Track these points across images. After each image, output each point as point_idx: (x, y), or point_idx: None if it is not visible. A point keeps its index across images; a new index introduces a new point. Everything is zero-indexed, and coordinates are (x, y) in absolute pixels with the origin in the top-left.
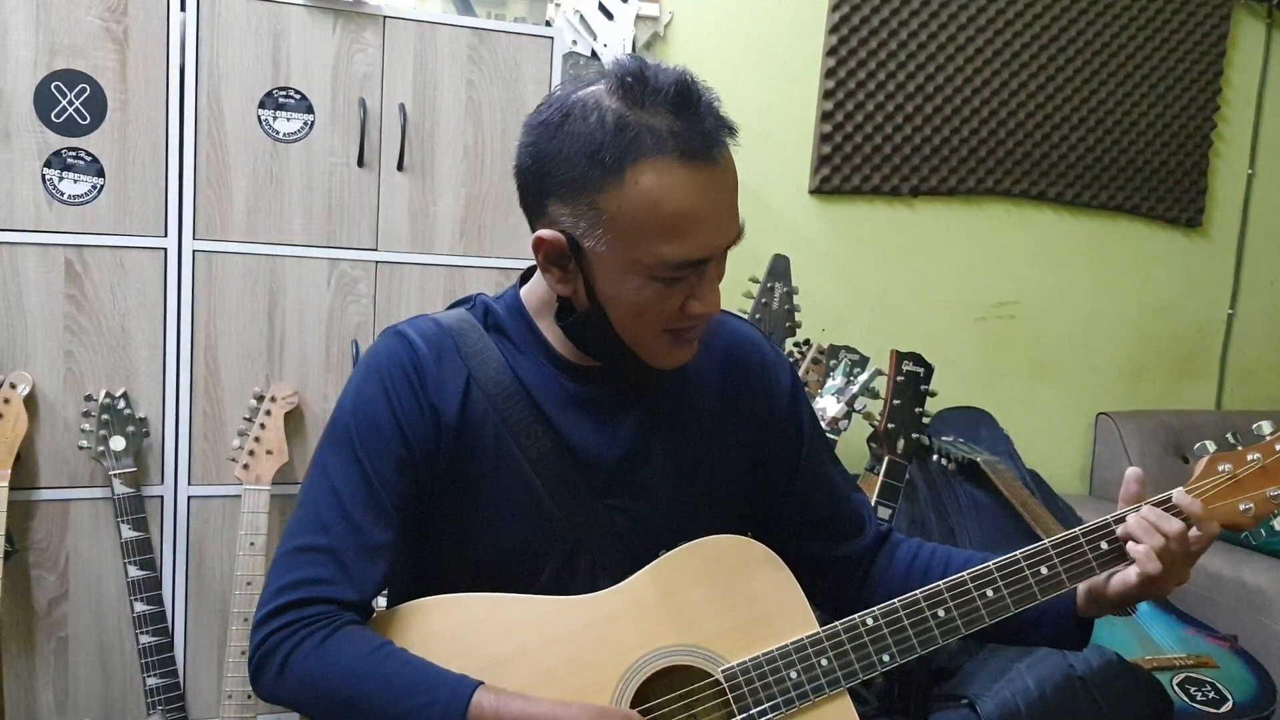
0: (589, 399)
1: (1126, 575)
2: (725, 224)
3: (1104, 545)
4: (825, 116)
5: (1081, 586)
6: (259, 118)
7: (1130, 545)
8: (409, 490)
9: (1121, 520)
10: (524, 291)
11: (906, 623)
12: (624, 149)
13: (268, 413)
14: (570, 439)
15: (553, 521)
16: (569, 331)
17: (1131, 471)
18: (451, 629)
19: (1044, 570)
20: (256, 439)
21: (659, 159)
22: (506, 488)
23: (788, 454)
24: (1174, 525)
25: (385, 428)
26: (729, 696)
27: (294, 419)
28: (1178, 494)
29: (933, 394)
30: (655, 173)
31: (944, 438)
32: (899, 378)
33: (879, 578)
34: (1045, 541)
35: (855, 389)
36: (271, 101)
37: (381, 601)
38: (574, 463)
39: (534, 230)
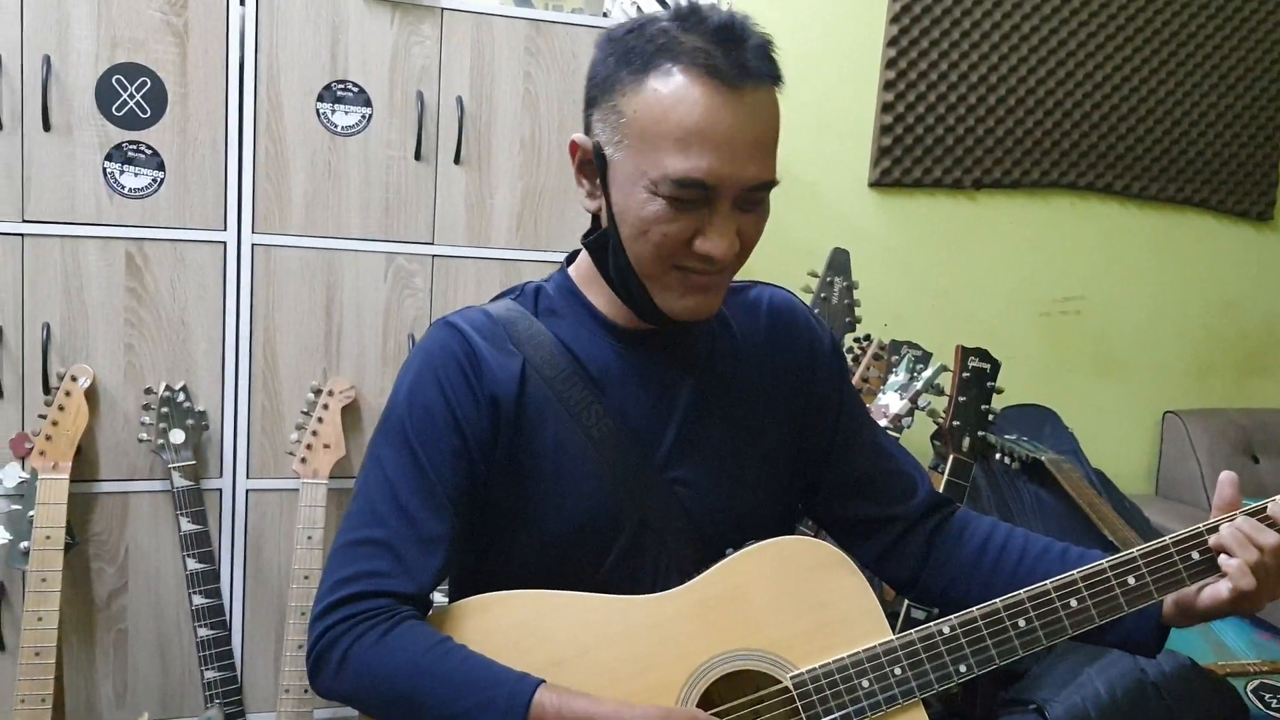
0: (645, 367)
1: (1217, 590)
2: (741, 157)
3: (1195, 555)
4: (886, 108)
5: (1169, 596)
6: (317, 111)
7: (1223, 559)
8: (464, 481)
9: (1214, 530)
10: (573, 268)
11: (985, 632)
12: (654, 53)
13: (325, 406)
14: (630, 416)
15: (617, 502)
16: (590, 249)
17: (1226, 475)
18: (512, 626)
19: (1131, 580)
20: (314, 433)
21: (683, 68)
22: (568, 471)
23: (828, 412)
24: (1270, 538)
25: (439, 418)
26: (798, 705)
27: (351, 413)
28: (1275, 505)
29: (999, 391)
30: (675, 80)
31: (1007, 436)
32: (964, 374)
33: (947, 556)
34: (1134, 550)
35: (919, 385)
36: (330, 95)
37: (440, 594)
38: (635, 440)
39: None
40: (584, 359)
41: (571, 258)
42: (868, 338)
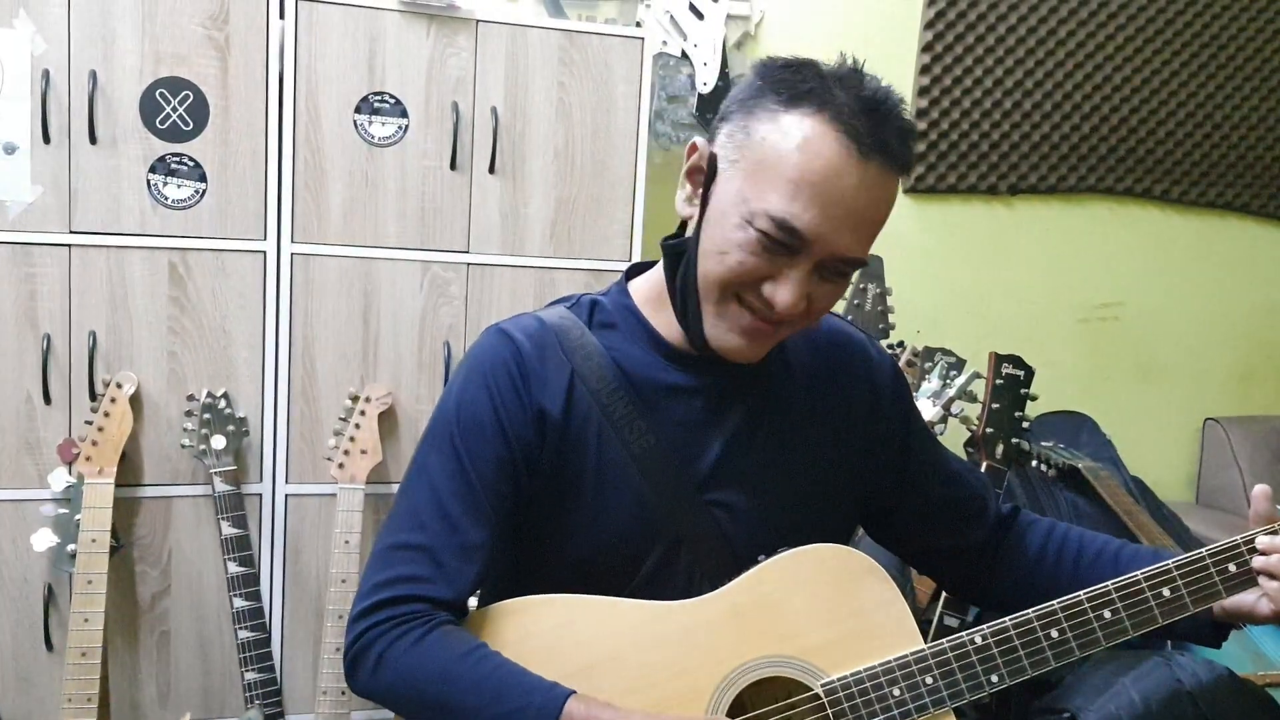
0: (696, 389)
1: (1258, 606)
2: (844, 225)
3: (1232, 568)
4: (921, 114)
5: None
6: (355, 122)
7: (1263, 580)
8: (507, 490)
9: (1251, 543)
10: (632, 285)
11: (1017, 643)
12: (803, 93)
13: (362, 413)
14: (674, 434)
15: (655, 518)
16: (666, 253)
17: (1260, 489)
18: (547, 631)
19: (1166, 593)
20: (351, 439)
21: (825, 119)
22: (609, 485)
23: (896, 445)
24: None
25: (487, 426)
26: (829, 712)
27: (388, 419)
28: None
29: (1033, 398)
30: (812, 127)
31: (1044, 443)
32: (998, 381)
33: (1008, 562)
34: (1169, 562)
35: (952, 392)
36: (367, 106)
37: (473, 601)
38: (677, 459)
39: None
40: (632, 374)
41: (630, 274)
42: (901, 344)
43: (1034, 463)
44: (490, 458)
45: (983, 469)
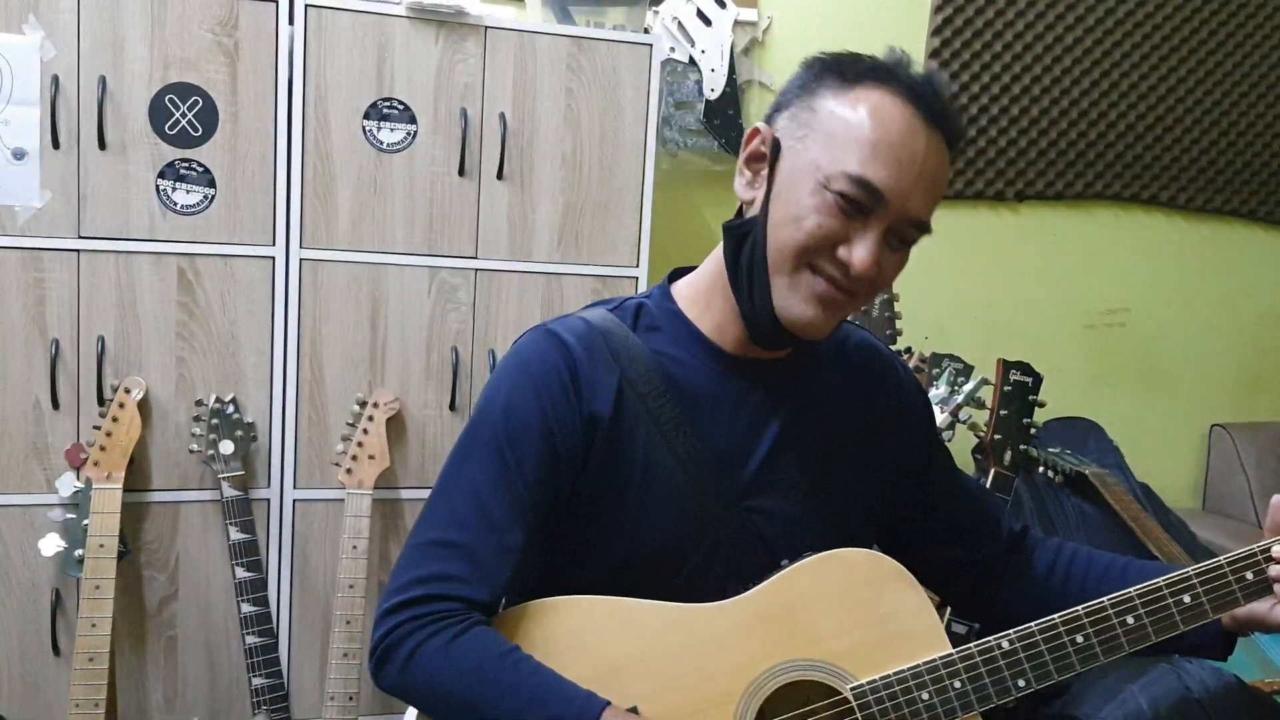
0: (739, 394)
1: (1271, 615)
2: (917, 186)
3: (1250, 576)
4: None
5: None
6: (363, 128)
7: (1279, 588)
8: (549, 494)
9: (1268, 552)
10: (675, 288)
11: (1044, 648)
12: (864, 72)
13: (370, 418)
14: (717, 439)
15: (695, 524)
16: (728, 234)
17: (1278, 499)
18: (574, 631)
19: (1187, 599)
20: (359, 444)
21: (888, 89)
22: (653, 490)
23: (920, 461)
24: None
25: (535, 430)
26: (858, 715)
27: (395, 424)
28: None
29: (1041, 404)
30: (879, 98)
31: (1050, 449)
32: (1006, 387)
33: (1016, 580)
34: (1189, 569)
35: (960, 399)
36: (376, 112)
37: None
38: (718, 464)
39: None
40: (678, 377)
41: (673, 278)
42: (909, 351)
43: (1041, 469)
44: (535, 462)
45: (990, 475)
